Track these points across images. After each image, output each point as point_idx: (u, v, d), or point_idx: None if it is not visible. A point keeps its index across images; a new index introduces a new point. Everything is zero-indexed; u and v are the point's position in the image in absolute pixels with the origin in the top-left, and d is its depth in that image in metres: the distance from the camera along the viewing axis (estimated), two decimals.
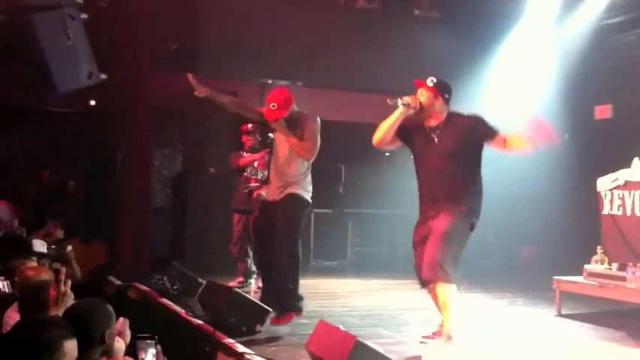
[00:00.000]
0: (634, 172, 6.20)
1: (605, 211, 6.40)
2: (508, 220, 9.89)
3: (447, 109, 4.91)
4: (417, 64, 9.74)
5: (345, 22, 9.77)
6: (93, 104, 8.74)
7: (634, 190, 6.11)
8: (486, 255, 9.97)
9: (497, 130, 4.82)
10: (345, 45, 9.50)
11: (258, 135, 7.37)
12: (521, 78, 9.62)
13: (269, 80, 9.57)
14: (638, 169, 6.19)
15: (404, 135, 4.98)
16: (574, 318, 6.08)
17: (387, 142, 4.96)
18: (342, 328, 4.13)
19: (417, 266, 4.83)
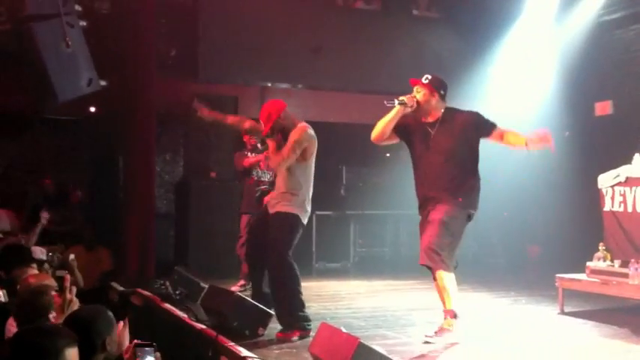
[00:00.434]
0: (635, 168, 6.19)
1: (607, 208, 6.40)
2: (512, 219, 9.89)
3: (444, 105, 5.01)
4: (418, 64, 9.73)
5: (345, 23, 9.78)
6: (93, 111, 8.76)
7: (635, 187, 6.11)
8: (491, 254, 9.98)
9: (494, 125, 4.92)
10: (345, 46, 9.51)
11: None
12: (522, 76, 9.63)
13: (269, 83, 9.58)
14: (639, 165, 6.19)
15: (402, 132, 5.08)
16: (577, 315, 6.07)
17: (384, 139, 5.07)
18: (344, 330, 4.13)
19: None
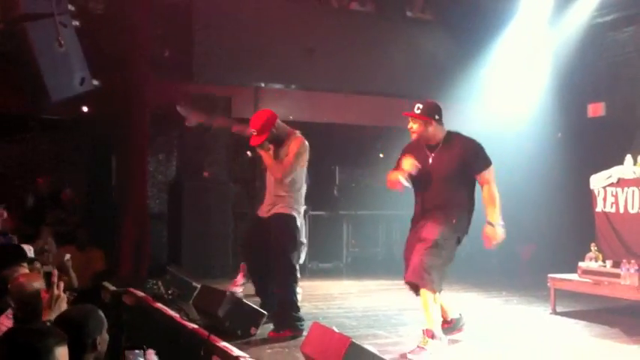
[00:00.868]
0: (627, 169, 6.22)
1: (599, 209, 6.43)
2: (505, 219, 9.87)
3: (443, 128, 4.92)
4: (412, 65, 9.78)
5: (339, 25, 9.77)
6: (86, 111, 8.75)
7: (627, 188, 6.13)
8: (484, 254, 9.98)
9: (486, 167, 4.84)
10: (339, 48, 9.51)
11: None
12: (516, 77, 9.65)
13: (262, 84, 9.58)
14: (630, 166, 6.22)
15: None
16: (569, 315, 6.10)
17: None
18: (336, 329, 4.14)
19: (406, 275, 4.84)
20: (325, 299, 7.17)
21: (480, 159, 4.85)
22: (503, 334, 5.40)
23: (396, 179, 4.81)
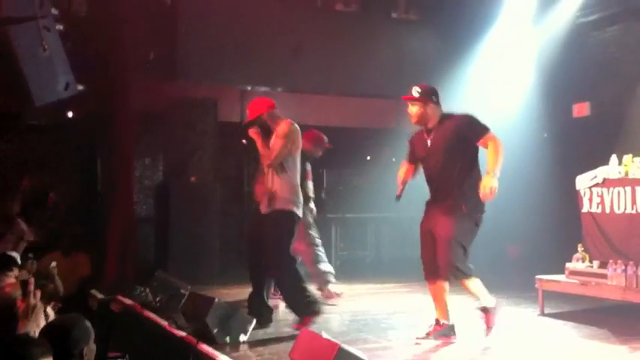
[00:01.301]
0: (612, 169, 6.23)
1: (585, 209, 6.44)
2: (491, 220, 9.89)
3: (440, 110, 5.10)
4: (397, 66, 9.78)
5: (324, 25, 9.76)
6: (71, 116, 8.68)
7: (612, 188, 6.14)
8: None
9: (485, 132, 4.93)
10: (324, 49, 9.50)
11: None
12: (500, 77, 9.67)
13: (248, 87, 9.55)
14: (616, 166, 6.23)
15: (414, 154, 5.25)
16: (557, 317, 6.11)
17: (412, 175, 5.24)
18: (324, 334, 4.12)
19: (423, 259, 5.11)
20: None
21: (476, 127, 4.99)
22: (491, 335, 5.39)
23: (399, 181, 5.14)
